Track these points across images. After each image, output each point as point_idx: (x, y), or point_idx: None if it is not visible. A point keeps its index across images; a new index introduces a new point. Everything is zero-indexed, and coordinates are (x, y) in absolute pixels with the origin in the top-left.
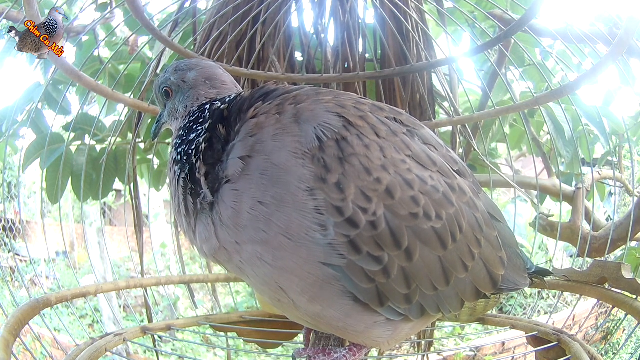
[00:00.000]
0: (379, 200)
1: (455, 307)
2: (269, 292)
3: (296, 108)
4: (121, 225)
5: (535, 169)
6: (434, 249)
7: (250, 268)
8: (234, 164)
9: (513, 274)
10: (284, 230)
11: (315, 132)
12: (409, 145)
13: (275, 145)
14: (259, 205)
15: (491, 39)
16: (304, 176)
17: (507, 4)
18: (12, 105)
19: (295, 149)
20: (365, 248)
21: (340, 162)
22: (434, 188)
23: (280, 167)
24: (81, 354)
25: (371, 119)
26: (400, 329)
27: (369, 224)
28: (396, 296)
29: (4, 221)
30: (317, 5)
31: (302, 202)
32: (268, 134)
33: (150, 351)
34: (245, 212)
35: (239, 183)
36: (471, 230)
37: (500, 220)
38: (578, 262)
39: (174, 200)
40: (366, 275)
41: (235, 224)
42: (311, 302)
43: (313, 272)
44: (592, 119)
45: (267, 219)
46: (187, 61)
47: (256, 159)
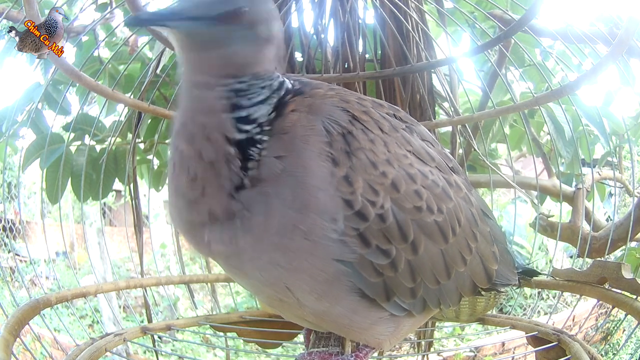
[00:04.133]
0: (386, 193)
1: (454, 301)
2: (272, 292)
3: (309, 103)
4: (121, 225)
5: (535, 169)
6: (437, 242)
7: (259, 273)
8: (270, 163)
9: (505, 270)
10: (306, 234)
11: (324, 124)
12: (409, 140)
13: (303, 146)
14: (289, 211)
15: (491, 39)
16: (325, 177)
17: (507, 4)
18: (12, 105)
19: (319, 148)
20: (374, 241)
21: (348, 156)
22: (434, 182)
23: (307, 169)
24: (81, 354)
25: (374, 114)
26: (402, 325)
27: (378, 217)
28: (402, 290)
29: (4, 221)
30: (317, 6)
31: (322, 203)
32: (298, 133)
33: (150, 351)
34: (276, 220)
35: (272, 186)
36: (468, 224)
37: (490, 217)
38: (578, 262)
39: (192, 183)
40: (375, 269)
41: (265, 230)
42: (318, 300)
43: (325, 269)
44: (592, 119)
45: (294, 225)
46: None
47: (290, 159)
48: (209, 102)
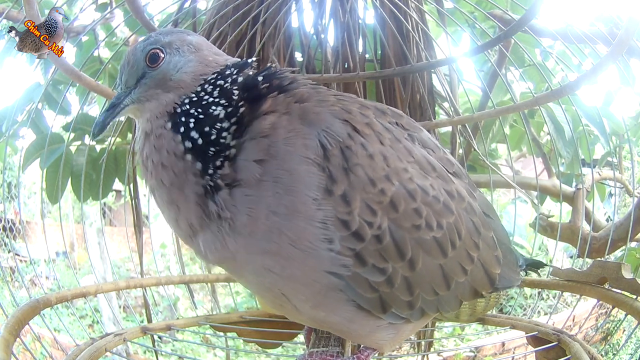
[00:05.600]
0: (384, 213)
1: (453, 307)
2: (271, 297)
3: (301, 107)
4: (121, 225)
5: (535, 169)
6: (436, 258)
7: (255, 277)
8: (249, 167)
9: (508, 271)
10: (293, 241)
11: (319, 137)
12: (411, 151)
13: (287, 150)
14: (273, 215)
15: (491, 39)
16: (313, 185)
17: (507, 4)
18: (12, 105)
19: (305, 153)
20: (370, 260)
21: (346, 173)
22: (435, 198)
23: (292, 174)
24: (81, 354)
25: (377, 126)
26: (402, 330)
27: (374, 238)
28: (399, 303)
29: (4, 221)
30: (317, 6)
31: (311, 212)
32: (280, 136)
33: (150, 351)
34: (261, 222)
35: (254, 189)
36: (469, 235)
37: (493, 218)
38: (578, 262)
39: (169, 206)
40: (370, 285)
41: (250, 233)
42: (314, 309)
43: (319, 280)
44: (592, 120)
45: (280, 230)
46: (174, 28)
47: (271, 163)
48: (156, 132)
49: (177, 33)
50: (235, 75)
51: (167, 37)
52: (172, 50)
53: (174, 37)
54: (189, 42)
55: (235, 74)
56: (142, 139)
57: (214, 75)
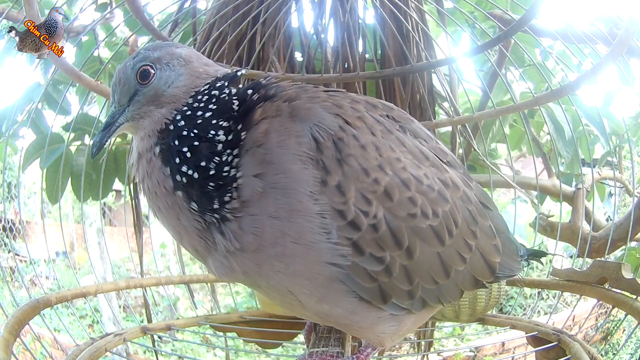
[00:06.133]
0: (379, 202)
1: (455, 297)
2: (279, 297)
3: (291, 106)
4: (121, 225)
5: (535, 169)
6: (433, 246)
7: (266, 281)
8: (249, 183)
9: (508, 260)
10: (295, 239)
11: (311, 131)
12: (403, 141)
13: (281, 152)
14: (275, 220)
15: (491, 39)
16: (308, 180)
17: (507, 4)
18: (12, 105)
19: (298, 150)
20: (367, 250)
21: (339, 164)
22: (430, 187)
23: (287, 175)
24: (81, 354)
25: (368, 119)
26: (404, 322)
27: (371, 227)
28: (399, 293)
29: (4, 221)
30: (317, 6)
31: (309, 207)
32: (273, 140)
33: (150, 351)
34: (266, 233)
35: (257, 205)
36: (466, 224)
37: (491, 208)
38: (578, 262)
39: (170, 230)
40: (369, 275)
41: (257, 248)
42: (319, 303)
43: (321, 272)
44: (592, 119)
45: (282, 232)
46: (162, 42)
47: (268, 172)
48: (146, 156)
49: (166, 47)
50: (227, 89)
51: (156, 53)
52: (162, 66)
53: (163, 51)
54: (178, 55)
55: (226, 86)
56: (136, 158)
57: (205, 87)
